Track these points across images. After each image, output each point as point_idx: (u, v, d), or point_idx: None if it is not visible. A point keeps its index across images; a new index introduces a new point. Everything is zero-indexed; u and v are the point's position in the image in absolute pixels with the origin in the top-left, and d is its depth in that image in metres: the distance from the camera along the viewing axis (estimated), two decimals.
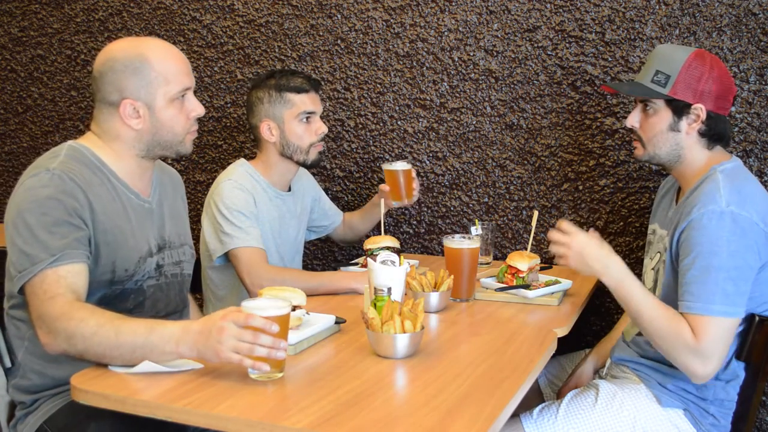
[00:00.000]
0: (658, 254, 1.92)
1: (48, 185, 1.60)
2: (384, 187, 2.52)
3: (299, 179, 2.54)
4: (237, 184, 2.29)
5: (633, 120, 1.90)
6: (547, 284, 2.12)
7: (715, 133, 1.84)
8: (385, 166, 2.48)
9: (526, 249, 2.34)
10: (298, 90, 2.35)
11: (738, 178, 1.77)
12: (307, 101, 2.36)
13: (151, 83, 1.70)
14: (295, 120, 2.35)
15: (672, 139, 1.84)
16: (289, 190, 2.50)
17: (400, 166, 2.46)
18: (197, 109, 1.78)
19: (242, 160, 2.42)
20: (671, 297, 1.82)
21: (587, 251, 1.74)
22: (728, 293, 1.65)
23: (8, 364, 1.76)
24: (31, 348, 1.71)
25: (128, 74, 1.70)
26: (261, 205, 2.35)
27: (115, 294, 1.71)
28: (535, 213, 2.26)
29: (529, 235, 2.26)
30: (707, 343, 1.64)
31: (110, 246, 1.67)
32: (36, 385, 1.71)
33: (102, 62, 1.74)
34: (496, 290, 2.09)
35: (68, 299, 1.51)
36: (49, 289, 1.52)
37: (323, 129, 2.40)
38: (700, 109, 1.81)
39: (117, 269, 1.69)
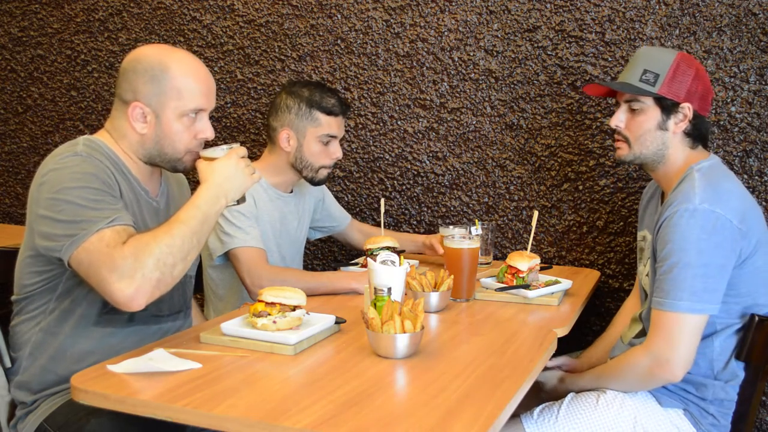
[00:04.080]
0: (648, 259, 1.93)
1: (81, 164, 1.63)
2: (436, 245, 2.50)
3: (301, 181, 2.54)
4: None
5: (618, 120, 1.91)
6: (547, 284, 2.12)
7: (699, 133, 1.87)
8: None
9: (526, 249, 2.34)
10: (329, 112, 2.34)
11: (715, 176, 1.79)
12: (333, 125, 2.36)
13: (165, 94, 1.71)
14: (316, 139, 2.35)
15: (659, 137, 1.86)
16: (291, 191, 2.50)
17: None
18: (206, 131, 1.78)
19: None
20: None
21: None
22: (696, 290, 1.67)
23: (8, 364, 1.76)
24: (36, 344, 1.72)
25: (146, 79, 1.71)
26: (261, 205, 2.34)
27: None
28: (535, 213, 2.26)
29: (529, 235, 2.26)
30: (670, 339, 1.69)
31: None
32: (39, 382, 1.71)
33: (129, 60, 1.76)
34: (496, 290, 2.09)
35: (128, 242, 1.52)
36: (111, 241, 1.51)
37: (338, 155, 2.39)
38: (687, 108, 1.84)
39: None
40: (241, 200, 1.73)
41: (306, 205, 2.56)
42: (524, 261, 2.11)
